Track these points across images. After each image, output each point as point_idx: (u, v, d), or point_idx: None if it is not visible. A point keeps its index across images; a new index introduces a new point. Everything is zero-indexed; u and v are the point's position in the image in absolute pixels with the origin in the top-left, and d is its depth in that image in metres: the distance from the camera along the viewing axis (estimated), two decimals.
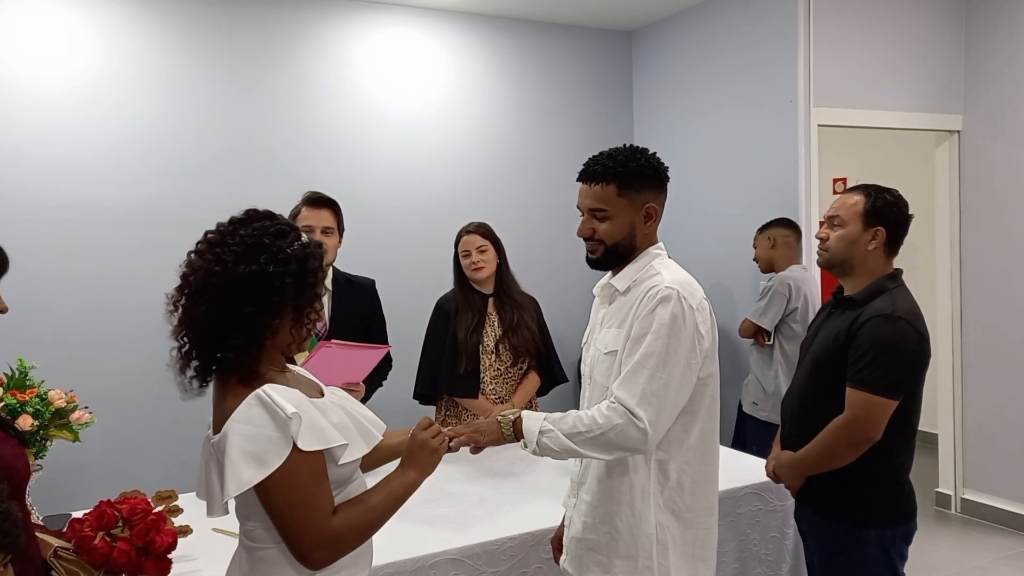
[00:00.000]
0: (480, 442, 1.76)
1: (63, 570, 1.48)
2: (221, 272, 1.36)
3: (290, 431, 1.33)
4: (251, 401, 1.35)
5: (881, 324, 2.03)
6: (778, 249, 3.89)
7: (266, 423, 1.33)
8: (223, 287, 1.37)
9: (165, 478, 2.94)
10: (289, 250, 1.40)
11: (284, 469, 1.32)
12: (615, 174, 1.79)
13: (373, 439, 1.51)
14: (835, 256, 2.20)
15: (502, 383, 3.12)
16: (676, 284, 1.73)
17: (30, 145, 3.67)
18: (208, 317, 1.37)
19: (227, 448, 1.33)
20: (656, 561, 1.74)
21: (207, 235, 1.43)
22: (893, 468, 2.08)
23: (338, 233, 2.85)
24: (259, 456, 1.32)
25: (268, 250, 1.38)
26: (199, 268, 1.39)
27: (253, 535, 1.43)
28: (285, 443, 1.33)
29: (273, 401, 1.34)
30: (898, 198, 2.19)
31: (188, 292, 1.40)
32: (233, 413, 1.35)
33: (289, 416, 1.33)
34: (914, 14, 4.31)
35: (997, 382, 4.34)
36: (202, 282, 1.38)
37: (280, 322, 1.42)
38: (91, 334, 3.77)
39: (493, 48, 4.75)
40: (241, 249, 1.38)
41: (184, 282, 1.41)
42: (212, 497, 1.41)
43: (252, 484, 1.32)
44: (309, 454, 1.35)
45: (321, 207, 2.81)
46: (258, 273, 1.37)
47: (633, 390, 1.66)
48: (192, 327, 1.39)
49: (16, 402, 1.98)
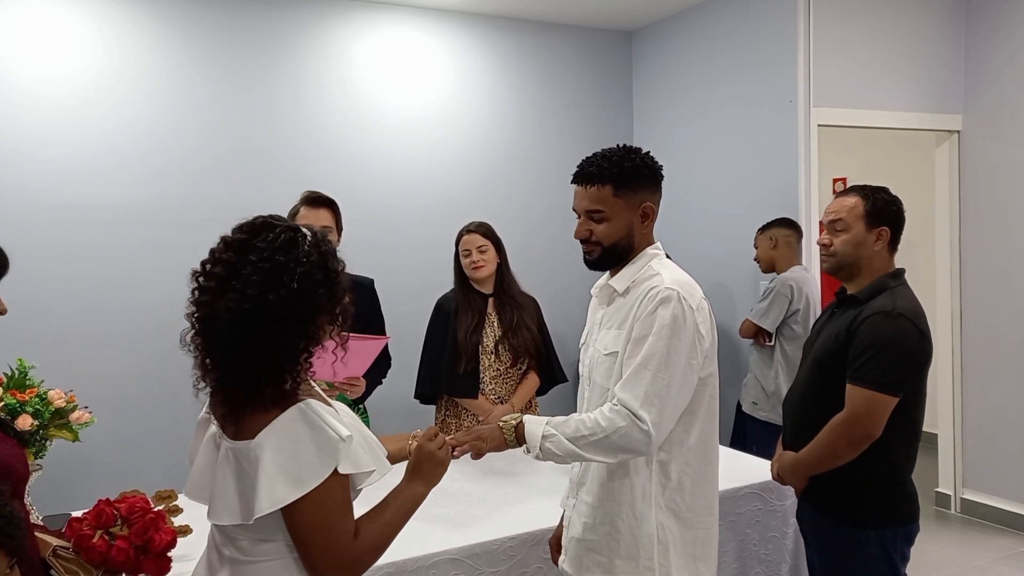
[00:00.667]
0: (483, 449, 1.76)
1: (62, 569, 1.48)
2: (251, 309, 1.29)
3: (337, 454, 1.29)
4: (294, 415, 1.30)
5: (882, 321, 2.03)
6: (779, 249, 3.88)
7: (309, 442, 1.29)
8: (259, 320, 1.29)
9: (165, 478, 2.93)
10: (307, 259, 1.34)
11: (320, 489, 1.29)
12: (611, 175, 1.79)
13: (384, 466, 1.45)
14: (843, 260, 2.19)
15: (502, 383, 3.12)
16: (676, 285, 1.73)
17: (30, 145, 3.67)
18: (252, 351, 1.30)
19: (262, 460, 1.28)
20: (657, 562, 1.73)
21: (215, 269, 1.34)
22: (893, 468, 2.08)
23: (337, 232, 2.85)
24: (297, 475, 1.28)
25: (287, 267, 1.31)
26: (224, 309, 1.30)
27: (255, 550, 1.36)
28: (327, 465, 1.29)
29: (322, 420, 1.30)
30: (895, 197, 2.21)
31: (218, 332, 1.32)
32: (272, 423, 1.29)
33: (344, 438, 1.30)
34: (914, 14, 4.31)
35: (997, 382, 4.33)
36: (235, 322, 1.29)
37: (319, 329, 1.39)
38: (91, 334, 3.77)
39: (493, 48, 4.75)
40: (261, 277, 1.30)
41: (206, 324, 1.33)
42: (224, 503, 1.34)
43: (287, 502, 1.27)
44: (342, 476, 1.32)
45: (319, 207, 2.82)
46: (288, 296, 1.30)
47: (636, 392, 1.66)
48: (237, 365, 1.32)
49: (16, 402, 1.97)
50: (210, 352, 1.35)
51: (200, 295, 1.35)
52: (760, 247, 3.95)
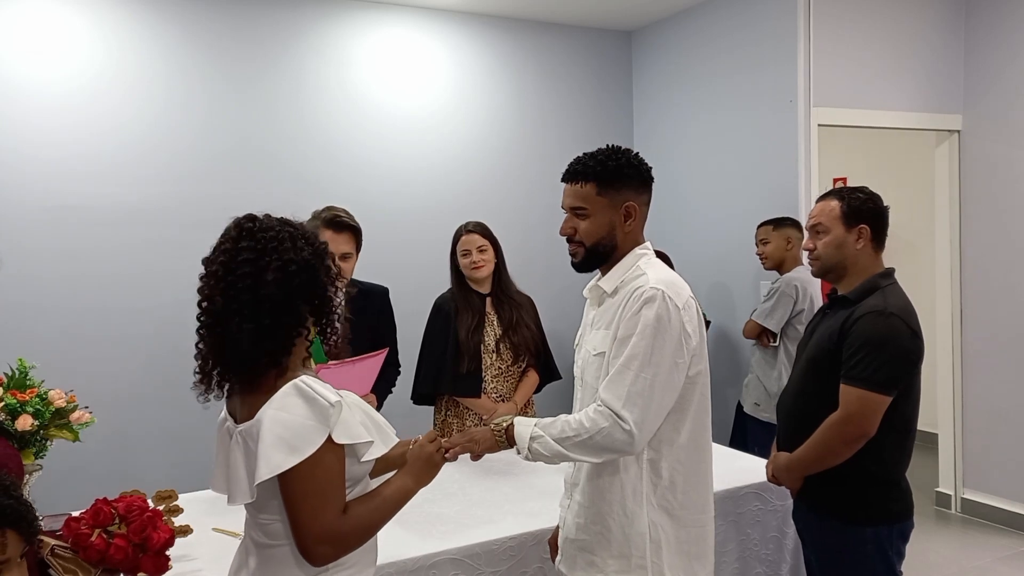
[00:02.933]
0: (476, 451, 1.80)
1: (60, 568, 1.48)
2: (249, 300, 1.37)
3: (329, 420, 1.35)
4: (289, 390, 1.37)
5: (874, 320, 2.04)
6: (793, 250, 3.87)
7: (303, 411, 1.35)
8: (266, 306, 1.37)
9: (165, 478, 2.93)
10: (306, 251, 1.43)
11: (312, 458, 1.33)
12: (594, 173, 1.81)
13: (390, 440, 1.52)
14: (827, 262, 2.22)
15: (503, 381, 3.12)
16: (661, 284, 1.74)
17: (30, 145, 3.67)
18: (249, 334, 1.37)
19: (261, 433, 1.34)
20: (649, 560, 1.74)
21: (217, 264, 1.42)
22: (887, 465, 2.09)
23: (356, 255, 2.84)
24: (292, 443, 1.33)
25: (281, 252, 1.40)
26: (226, 297, 1.38)
27: (269, 530, 1.42)
28: (321, 432, 1.34)
29: (314, 390, 1.37)
30: (871, 194, 2.23)
31: (223, 320, 1.39)
32: (269, 400, 1.37)
33: (332, 404, 1.35)
34: (914, 14, 4.31)
35: (997, 382, 4.33)
36: (233, 310, 1.38)
37: (305, 317, 1.44)
38: (91, 334, 3.77)
39: (493, 48, 4.75)
40: (254, 256, 1.39)
41: (209, 316, 1.41)
42: (237, 484, 1.41)
43: (283, 469, 1.32)
44: (336, 447, 1.37)
45: (342, 231, 2.76)
46: (278, 278, 1.38)
47: (618, 392, 1.68)
48: (238, 349, 1.39)
49: (16, 402, 1.97)
50: (213, 334, 1.41)
51: (208, 300, 1.42)
52: (773, 245, 3.89)
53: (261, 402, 1.38)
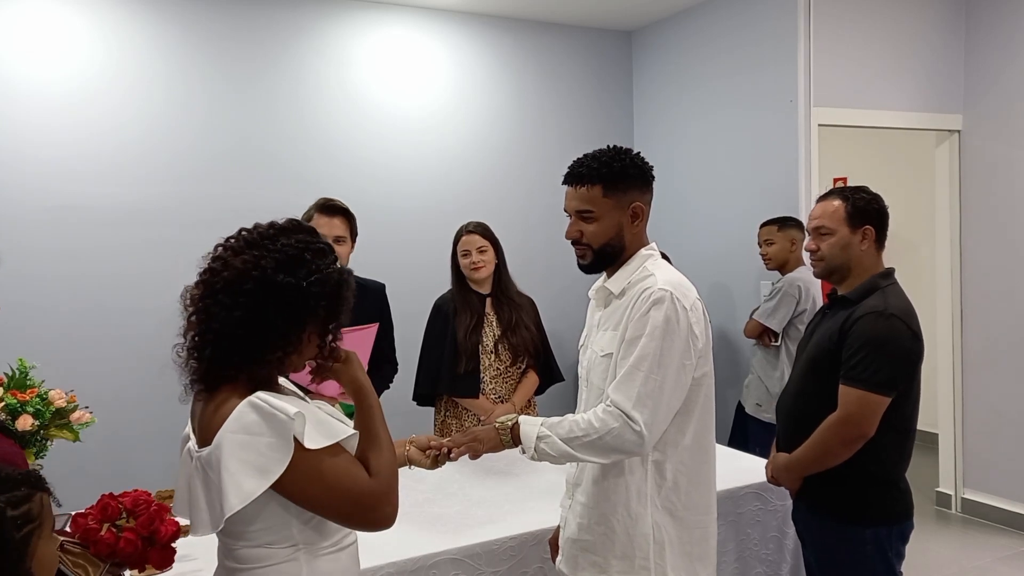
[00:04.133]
0: (479, 450, 1.79)
1: (69, 563, 1.48)
2: (258, 276, 1.32)
3: (291, 433, 1.27)
4: (244, 409, 1.28)
5: (874, 321, 2.04)
6: (797, 251, 3.86)
7: (263, 430, 1.27)
8: (257, 291, 1.31)
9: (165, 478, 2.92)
10: (327, 271, 1.37)
11: (304, 471, 1.28)
12: (600, 175, 1.80)
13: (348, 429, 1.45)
14: (831, 263, 2.21)
15: (502, 382, 3.12)
16: (669, 285, 1.73)
17: (30, 145, 3.67)
18: (234, 319, 1.31)
19: (223, 460, 1.26)
20: (653, 561, 1.74)
21: (243, 233, 1.38)
22: (886, 466, 2.09)
23: (351, 241, 2.81)
24: (260, 465, 1.26)
25: (308, 266, 1.34)
26: (232, 267, 1.33)
27: (248, 557, 1.35)
28: (286, 448, 1.27)
29: (270, 405, 1.28)
30: (874, 194, 2.23)
31: (215, 288, 1.33)
32: (225, 423, 1.28)
33: (292, 417, 1.27)
34: (914, 14, 4.31)
35: (997, 382, 4.33)
36: (234, 281, 1.32)
37: (303, 341, 1.38)
38: (91, 334, 3.77)
39: (493, 48, 4.75)
40: (282, 257, 1.33)
41: (212, 276, 1.35)
42: (199, 514, 1.33)
43: (256, 495, 1.25)
44: (332, 447, 1.32)
45: (334, 215, 2.75)
46: (294, 287, 1.32)
47: (628, 393, 1.67)
48: (213, 327, 1.33)
49: (16, 402, 1.98)
50: (199, 318, 1.36)
51: (215, 260, 1.37)
52: (778, 246, 3.88)
53: (218, 421, 1.29)
